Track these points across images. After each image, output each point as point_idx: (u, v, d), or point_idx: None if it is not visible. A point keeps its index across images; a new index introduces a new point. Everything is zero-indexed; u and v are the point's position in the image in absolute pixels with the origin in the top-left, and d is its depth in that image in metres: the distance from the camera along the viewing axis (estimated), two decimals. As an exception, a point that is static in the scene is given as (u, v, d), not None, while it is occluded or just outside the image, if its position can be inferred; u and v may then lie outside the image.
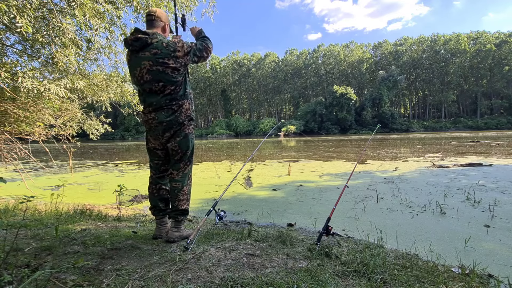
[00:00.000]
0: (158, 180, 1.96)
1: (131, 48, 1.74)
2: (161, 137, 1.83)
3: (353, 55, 63.58)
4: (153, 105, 1.77)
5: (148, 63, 1.70)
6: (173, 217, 1.88)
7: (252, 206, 3.63)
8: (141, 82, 1.75)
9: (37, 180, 5.99)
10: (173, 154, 1.89)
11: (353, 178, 5.38)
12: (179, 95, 1.81)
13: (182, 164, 1.90)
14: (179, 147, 1.86)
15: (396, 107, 63.43)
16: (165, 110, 1.78)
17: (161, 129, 1.80)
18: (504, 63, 52.12)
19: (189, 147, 1.90)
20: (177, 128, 1.82)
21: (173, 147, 1.86)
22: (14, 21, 2.54)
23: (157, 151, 1.93)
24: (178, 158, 1.88)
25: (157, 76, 1.72)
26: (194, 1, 4.39)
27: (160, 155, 1.94)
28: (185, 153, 1.90)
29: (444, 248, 2.08)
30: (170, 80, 1.75)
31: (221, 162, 9.54)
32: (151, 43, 1.71)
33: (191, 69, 68.44)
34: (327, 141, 24.40)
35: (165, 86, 1.74)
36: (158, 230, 1.94)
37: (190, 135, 1.91)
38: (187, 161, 1.93)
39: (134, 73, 1.76)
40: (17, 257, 1.48)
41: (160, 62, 1.71)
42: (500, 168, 6.18)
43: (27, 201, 1.48)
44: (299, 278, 1.29)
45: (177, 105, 1.80)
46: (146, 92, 1.77)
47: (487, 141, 15.85)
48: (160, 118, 1.77)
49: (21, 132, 3.83)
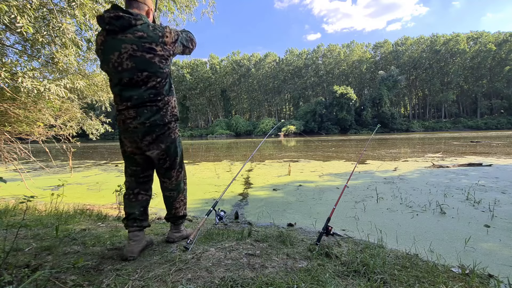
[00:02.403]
0: (137, 185, 1.65)
1: (109, 28, 1.41)
2: (140, 141, 1.52)
3: (353, 55, 63.61)
4: (134, 100, 1.47)
5: (131, 47, 1.41)
6: (172, 221, 1.79)
7: (252, 206, 3.63)
8: (119, 69, 1.44)
9: (37, 180, 5.99)
10: (160, 163, 1.63)
11: (353, 178, 5.38)
12: (164, 89, 1.54)
13: (173, 172, 1.68)
14: (167, 155, 1.60)
15: (396, 107, 63.42)
16: (149, 107, 1.48)
17: (141, 132, 1.50)
18: (505, 63, 52.13)
19: (178, 153, 1.66)
20: (161, 131, 1.53)
21: (160, 156, 1.59)
22: (14, 21, 2.55)
23: (135, 156, 1.60)
24: (167, 166, 1.65)
25: (141, 64, 1.44)
26: (194, 1, 4.39)
27: (138, 161, 1.62)
28: (175, 160, 1.66)
29: (444, 248, 2.08)
30: (156, 71, 1.48)
31: (221, 162, 9.54)
32: (135, 24, 1.42)
33: (190, 69, 68.59)
34: (327, 141, 24.40)
35: (149, 77, 1.46)
36: (129, 248, 1.52)
37: (178, 139, 1.66)
38: (179, 168, 1.71)
39: (110, 59, 1.44)
40: (17, 257, 1.48)
41: (147, 47, 1.43)
42: (500, 168, 6.18)
43: (27, 201, 1.48)
44: (299, 278, 1.29)
45: (163, 102, 1.52)
46: (124, 83, 1.46)
47: (487, 141, 15.85)
48: (142, 117, 1.48)
49: (21, 132, 3.83)
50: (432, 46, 58.66)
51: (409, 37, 62.79)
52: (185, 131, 61.24)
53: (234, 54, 71.61)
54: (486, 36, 55.45)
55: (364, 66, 62.92)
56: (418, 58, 59.87)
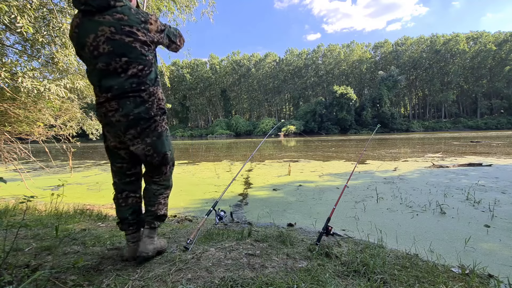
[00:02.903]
0: (124, 187, 1.53)
1: (84, 8, 1.30)
2: (123, 135, 1.39)
3: (353, 55, 63.64)
4: (114, 90, 1.32)
5: (109, 30, 1.28)
6: (149, 222, 1.50)
7: (252, 206, 3.63)
8: (95, 54, 1.30)
9: (37, 180, 5.99)
10: (148, 160, 1.48)
11: (353, 178, 5.38)
12: (149, 79, 1.39)
13: (165, 168, 1.54)
14: (153, 150, 1.45)
15: (396, 107, 63.45)
16: (132, 98, 1.34)
17: (124, 125, 1.36)
18: (505, 63, 52.15)
19: (166, 148, 1.50)
20: (146, 125, 1.39)
21: (146, 151, 1.44)
22: (15, 21, 2.55)
23: (119, 151, 1.48)
24: (157, 162, 1.49)
25: (120, 48, 1.30)
26: (194, 1, 4.39)
27: (123, 156, 1.49)
28: (165, 156, 1.51)
29: (444, 248, 2.08)
30: (137, 57, 1.34)
31: (221, 162, 9.54)
32: (115, 6, 1.31)
33: (190, 69, 68.55)
34: (327, 141, 24.40)
35: (129, 64, 1.32)
36: (131, 250, 1.48)
37: (165, 133, 1.50)
38: (171, 164, 1.58)
39: (85, 42, 1.30)
40: (17, 257, 1.48)
41: (126, 31, 1.30)
42: (500, 168, 6.18)
43: (27, 201, 1.47)
44: (299, 278, 1.29)
45: (148, 93, 1.38)
46: (102, 71, 1.32)
47: (487, 141, 15.85)
48: (125, 110, 1.33)
49: (21, 132, 3.83)
50: (432, 46, 58.70)
51: (409, 37, 62.82)
52: (185, 131, 61.22)
53: (234, 54, 71.64)
54: (486, 36, 55.48)
55: (364, 66, 62.93)
56: (418, 58, 59.91)
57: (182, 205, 3.81)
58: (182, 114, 69.35)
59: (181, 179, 6.05)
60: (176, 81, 67.82)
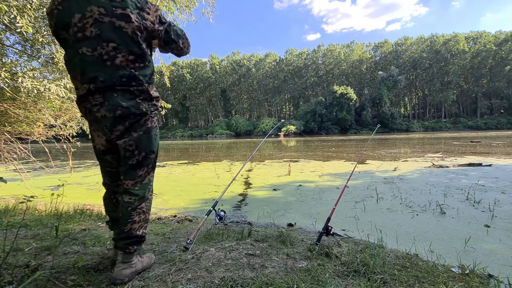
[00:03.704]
0: (117, 189, 1.38)
1: None
2: (110, 133, 1.22)
3: (353, 55, 63.66)
4: (98, 82, 1.15)
5: (98, 11, 1.12)
6: (122, 247, 1.24)
7: (252, 206, 3.63)
8: (79, 37, 1.13)
9: (37, 180, 5.99)
10: (126, 156, 1.26)
11: (353, 178, 5.38)
12: (142, 73, 1.22)
13: (140, 171, 1.30)
14: (136, 146, 1.26)
15: (396, 107, 63.48)
16: (120, 92, 1.18)
17: (110, 121, 1.20)
18: (505, 62, 52.17)
19: (152, 147, 1.32)
20: (135, 119, 1.23)
21: (127, 146, 1.25)
22: (14, 21, 2.55)
23: (105, 156, 1.32)
24: (134, 162, 1.27)
25: (108, 32, 1.13)
26: (194, 1, 4.40)
27: (110, 161, 1.33)
28: (147, 156, 1.30)
29: (444, 248, 2.08)
30: (127, 44, 1.17)
31: (221, 162, 9.54)
32: None
33: (190, 69, 68.49)
34: (327, 141, 24.41)
35: (118, 51, 1.15)
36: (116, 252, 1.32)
37: (154, 130, 1.32)
38: (150, 168, 1.34)
39: (69, 22, 1.13)
40: (17, 257, 1.48)
41: (118, 13, 1.14)
42: (499, 168, 6.18)
43: (27, 201, 1.47)
44: (299, 278, 1.29)
45: (139, 90, 1.22)
46: (85, 57, 1.14)
47: (487, 141, 15.86)
48: (112, 103, 1.17)
49: (21, 132, 3.83)
50: (432, 46, 58.74)
51: (409, 37, 62.87)
52: (185, 131, 61.21)
53: (234, 54, 71.68)
54: (486, 36, 55.51)
55: (364, 66, 62.97)
56: (418, 58, 59.93)
57: (182, 205, 3.81)
58: (182, 114, 69.34)
59: (181, 179, 6.05)
60: (176, 81, 67.82)
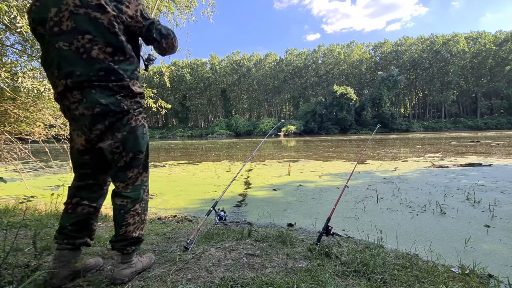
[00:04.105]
0: (79, 192, 1.29)
1: None
2: (89, 132, 1.17)
3: (353, 55, 63.69)
4: (75, 77, 1.11)
5: (73, 2, 1.09)
6: (119, 249, 1.24)
7: (252, 206, 3.63)
8: (56, 31, 1.10)
9: (37, 180, 5.98)
10: (115, 159, 1.23)
11: (353, 178, 5.38)
12: (123, 68, 1.17)
13: (131, 172, 1.26)
14: (123, 147, 1.21)
15: (396, 107, 63.52)
16: (99, 88, 1.13)
17: (89, 120, 1.14)
18: (505, 62, 52.19)
19: (140, 146, 1.26)
20: (116, 117, 1.17)
21: (113, 148, 1.20)
22: (14, 21, 2.55)
23: (84, 157, 1.26)
24: (123, 164, 1.23)
25: (84, 23, 1.09)
26: (194, 2, 4.40)
27: (87, 162, 1.27)
28: (135, 157, 1.25)
29: (444, 248, 2.08)
30: (104, 35, 1.12)
31: (221, 162, 9.54)
32: None
33: (190, 69, 68.47)
34: (327, 141, 24.41)
35: (94, 43, 1.10)
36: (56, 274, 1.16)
37: (140, 129, 1.26)
38: (141, 168, 1.29)
39: (46, 17, 1.11)
40: (17, 257, 1.48)
41: (94, 4, 1.10)
42: (499, 168, 6.18)
43: (27, 201, 1.47)
44: (299, 278, 1.29)
45: (119, 86, 1.16)
46: (62, 52, 1.10)
47: (487, 141, 15.86)
48: (90, 100, 1.12)
49: (21, 132, 3.83)
50: (431, 46, 58.78)
51: (408, 37, 62.91)
52: (185, 131, 61.23)
53: (234, 54, 71.72)
54: (486, 36, 55.53)
55: (364, 66, 62.99)
56: (418, 58, 59.95)
57: (182, 205, 3.81)
58: (182, 114, 69.36)
59: (181, 179, 6.05)
60: (176, 81, 67.85)
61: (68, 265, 1.20)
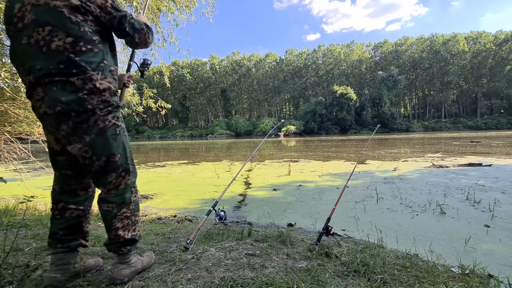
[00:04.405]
0: (62, 197, 1.24)
1: None
2: (55, 133, 1.13)
3: (353, 55, 63.70)
4: (36, 71, 1.06)
5: None
6: (114, 250, 1.24)
7: (252, 206, 3.63)
8: (19, 27, 1.06)
9: (37, 180, 5.98)
10: (86, 163, 1.17)
11: (353, 178, 5.38)
12: (85, 59, 1.08)
13: (110, 177, 1.20)
14: (92, 151, 1.14)
15: (396, 107, 63.52)
16: (59, 83, 1.05)
17: (53, 119, 1.09)
18: (505, 62, 52.19)
19: (112, 149, 1.18)
20: (80, 118, 1.09)
21: (82, 153, 1.14)
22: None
23: (58, 158, 1.22)
24: (98, 169, 1.17)
25: (43, 15, 1.03)
26: (194, 2, 4.40)
27: (64, 163, 1.22)
28: (110, 161, 1.17)
29: (444, 248, 2.09)
30: (64, 25, 1.04)
31: (221, 162, 9.54)
32: None
33: (190, 69, 68.42)
34: (327, 141, 24.41)
35: (54, 34, 1.03)
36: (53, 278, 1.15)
37: (111, 130, 1.17)
38: (121, 172, 1.22)
39: (13, 14, 1.08)
40: (17, 257, 1.48)
41: None
42: (499, 168, 6.18)
43: (27, 201, 1.47)
44: (299, 278, 1.29)
45: (82, 79, 1.07)
46: (24, 47, 1.07)
47: (487, 141, 15.86)
48: (52, 98, 1.06)
49: (21, 132, 3.83)
50: (431, 46, 58.77)
51: (408, 37, 62.91)
52: (185, 131, 61.25)
53: (234, 54, 71.71)
54: (486, 36, 55.54)
55: (364, 66, 63.00)
56: (418, 58, 59.96)
57: (182, 205, 3.81)
58: (182, 114, 69.37)
59: (181, 179, 6.05)
60: (176, 81, 67.85)
61: (67, 267, 1.20)
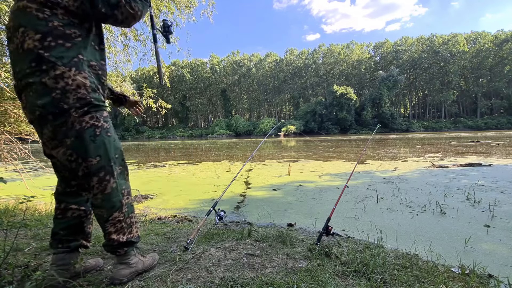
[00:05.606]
0: (64, 197, 1.24)
1: None
2: (41, 137, 1.13)
3: (353, 55, 63.70)
4: (17, 74, 1.07)
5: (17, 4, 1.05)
6: (111, 252, 1.23)
7: (252, 206, 3.63)
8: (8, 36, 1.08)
9: (37, 180, 5.98)
10: (73, 168, 1.14)
11: (353, 178, 5.38)
12: (55, 54, 1.01)
13: (92, 181, 1.14)
14: (77, 154, 1.11)
15: (396, 107, 63.55)
16: (33, 86, 1.02)
17: (37, 123, 1.10)
18: (505, 62, 52.19)
19: (90, 152, 1.11)
20: (58, 121, 1.05)
21: (68, 157, 1.11)
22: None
23: (53, 160, 1.22)
24: (83, 173, 1.13)
25: (18, 19, 1.03)
26: (194, 2, 4.39)
27: (59, 164, 1.22)
28: (90, 164, 1.12)
29: (444, 248, 2.08)
30: (32, 23, 1.01)
31: (221, 162, 9.54)
32: None
33: (190, 69, 68.34)
34: (327, 141, 24.41)
35: (26, 34, 1.01)
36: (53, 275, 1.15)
37: (89, 132, 1.10)
38: (104, 175, 1.15)
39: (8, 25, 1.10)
40: (17, 257, 1.48)
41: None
42: (499, 168, 6.18)
43: (27, 201, 1.47)
44: (299, 278, 1.29)
45: (52, 76, 1.01)
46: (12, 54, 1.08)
47: (487, 141, 15.86)
48: (30, 103, 1.05)
49: (21, 132, 3.83)
50: (431, 46, 58.77)
51: (408, 37, 62.90)
52: (185, 131, 61.25)
53: (234, 54, 71.74)
54: (486, 36, 55.55)
55: (363, 66, 63.00)
56: (418, 58, 59.96)
57: (182, 205, 3.81)
58: (182, 114, 69.37)
59: (181, 179, 6.05)
60: (176, 81, 67.82)
61: (67, 268, 1.20)
